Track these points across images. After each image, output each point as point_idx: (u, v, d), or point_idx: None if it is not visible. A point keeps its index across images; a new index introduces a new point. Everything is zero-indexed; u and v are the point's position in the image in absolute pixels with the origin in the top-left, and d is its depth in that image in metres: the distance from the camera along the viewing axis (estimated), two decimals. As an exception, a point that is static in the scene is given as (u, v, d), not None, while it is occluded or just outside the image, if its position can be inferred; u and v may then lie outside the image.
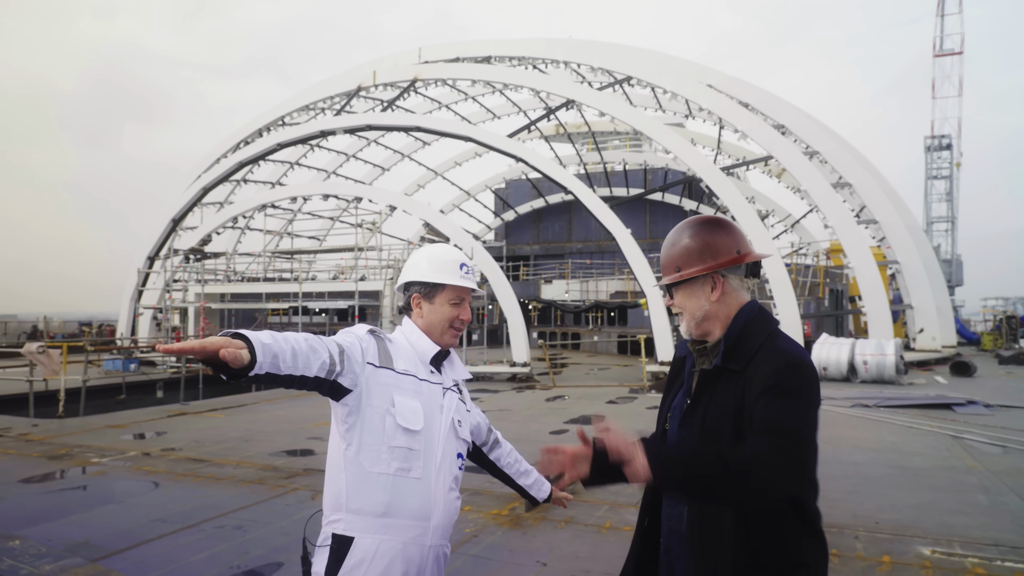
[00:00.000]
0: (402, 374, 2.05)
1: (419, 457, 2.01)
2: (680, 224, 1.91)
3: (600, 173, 35.10)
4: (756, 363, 1.68)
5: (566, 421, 11.04)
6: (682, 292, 1.85)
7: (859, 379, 16.10)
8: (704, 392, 1.76)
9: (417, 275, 2.18)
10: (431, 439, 2.05)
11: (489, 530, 5.40)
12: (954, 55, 50.47)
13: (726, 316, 1.80)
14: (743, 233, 1.86)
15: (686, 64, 26.66)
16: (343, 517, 1.96)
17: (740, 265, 1.82)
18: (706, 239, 1.81)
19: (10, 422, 11.15)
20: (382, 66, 27.21)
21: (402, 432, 1.98)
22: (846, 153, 24.64)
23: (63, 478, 7.34)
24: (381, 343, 2.07)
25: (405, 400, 2.01)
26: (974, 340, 32.57)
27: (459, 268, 2.19)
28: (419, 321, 2.18)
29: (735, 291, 1.81)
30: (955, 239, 50.42)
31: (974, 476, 7.12)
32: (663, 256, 1.90)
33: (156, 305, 24.46)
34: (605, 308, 30.55)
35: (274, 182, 31.75)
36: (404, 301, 2.23)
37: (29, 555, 4.68)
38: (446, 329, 2.18)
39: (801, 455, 1.54)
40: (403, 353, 2.11)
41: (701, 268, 1.79)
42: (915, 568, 4.55)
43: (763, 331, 1.75)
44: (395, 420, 1.98)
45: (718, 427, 1.68)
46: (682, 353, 1.98)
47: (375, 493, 1.95)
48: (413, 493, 1.99)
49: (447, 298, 2.17)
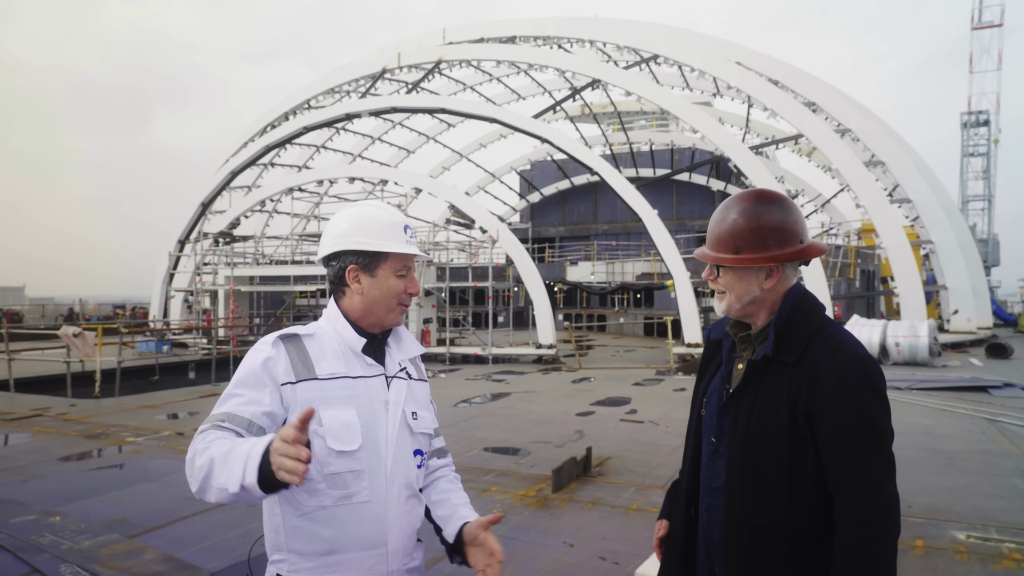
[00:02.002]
0: (328, 379, 1.69)
1: (363, 477, 1.66)
2: (740, 196, 1.74)
3: (626, 154, 34.71)
4: (812, 356, 1.61)
5: (592, 403, 11.03)
6: (733, 273, 1.72)
7: (891, 361, 15.85)
8: (752, 382, 1.68)
9: (352, 242, 1.77)
10: (376, 450, 1.69)
11: (516, 511, 5.42)
12: (993, 27, 48.91)
13: (772, 302, 1.71)
14: (803, 217, 1.74)
15: (714, 41, 26.18)
16: (286, 557, 1.66)
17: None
18: (772, 222, 1.67)
19: (49, 402, 11.46)
20: (407, 48, 27.14)
21: (336, 455, 1.63)
22: (879, 130, 24.08)
23: (100, 457, 7.53)
24: (296, 348, 1.71)
25: (335, 414, 1.65)
26: (1011, 321, 31.86)
27: (403, 232, 1.81)
28: (355, 300, 1.78)
29: (787, 279, 1.72)
30: (992, 218, 49.29)
31: (1011, 460, 6.97)
32: (717, 228, 1.74)
33: (187, 288, 24.90)
34: (631, 290, 30.39)
35: (300, 165, 31.98)
36: (334, 275, 1.80)
37: (69, 531, 4.81)
38: (393, 307, 1.80)
39: (898, 504, 1.54)
40: (328, 349, 1.74)
41: (765, 257, 1.66)
42: (949, 553, 4.48)
43: (812, 318, 1.67)
44: (325, 443, 1.62)
45: (766, 420, 1.62)
46: (717, 336, 1.89)
47: (316, 530, 1.63)
48: (361, 520, 1.66)
49: (392, 269, 1.78)
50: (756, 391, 1.67)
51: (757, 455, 1.63)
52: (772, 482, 1.61)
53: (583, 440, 8.05)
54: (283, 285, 23.23)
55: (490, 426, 9.08)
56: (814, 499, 1.59)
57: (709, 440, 1.78)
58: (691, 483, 1.84)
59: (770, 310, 1.72)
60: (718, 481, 1.73)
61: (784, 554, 1.59)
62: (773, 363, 1.66)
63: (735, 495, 1.66)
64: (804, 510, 1.59)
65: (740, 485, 1.65)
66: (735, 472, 1.66)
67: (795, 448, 1.59)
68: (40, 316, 34.99)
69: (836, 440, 1.55)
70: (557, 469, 6.07)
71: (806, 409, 1.58)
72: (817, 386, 1.57)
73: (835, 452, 1.55)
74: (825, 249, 1.75)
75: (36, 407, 10.69)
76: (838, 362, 1.58)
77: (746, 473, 1.64)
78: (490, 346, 18.22)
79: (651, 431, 8.68)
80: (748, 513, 1.63)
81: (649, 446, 7.75)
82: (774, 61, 24.90)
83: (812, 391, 1.58)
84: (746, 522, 1.63)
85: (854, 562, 1.50)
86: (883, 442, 1.56)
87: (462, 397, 11.75)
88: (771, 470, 1.61)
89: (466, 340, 21.40)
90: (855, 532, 1.51)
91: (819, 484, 1.58)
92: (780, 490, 1.60)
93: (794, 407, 1.59)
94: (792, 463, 1.59)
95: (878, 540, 1.50)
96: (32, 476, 6.54)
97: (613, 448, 7.65)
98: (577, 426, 9.04)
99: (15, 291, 48.58)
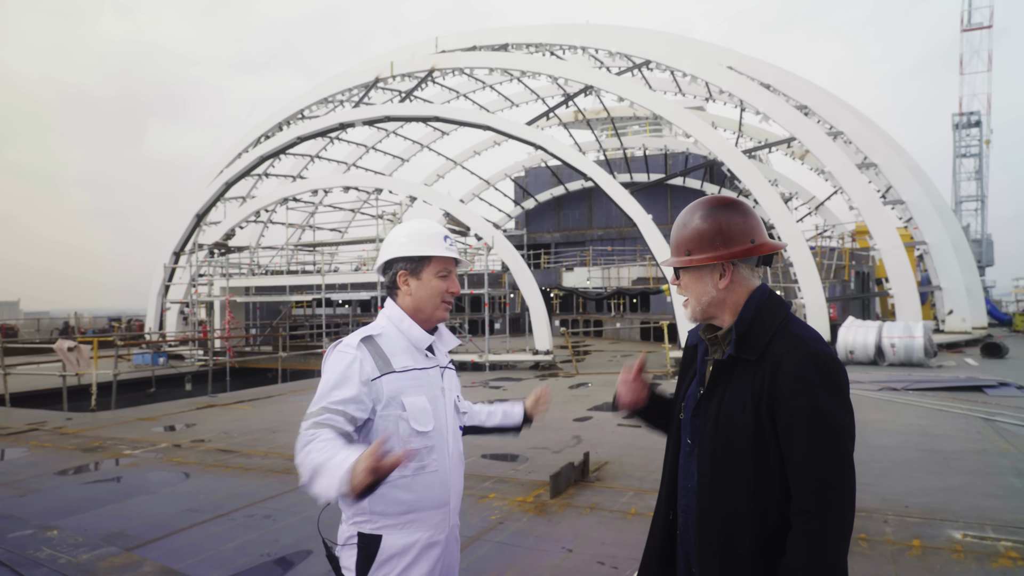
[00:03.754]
0: (403, 372, 2.02)
1: (434, 451, 2.02)
2: (694, 203, 1.84)
3: (620, 159, 34.81)
4: (773, 353, 1.64)
5: (589, 408, 11.04)
6: (690, 275, 1.80)
7: (887, 362, 15.88)
8: (719, 383, 1.73)
9: (400, 251, 2.11)
10: (441, 430, 2.06)
11: (514, 517, 5.43)
12: (982, 29, 49.25)
13: (735, 303, 1.76)
14: (759, 219, 1.79)
15: (705, 46, 26.32)
16: (368, 518, 1.97)
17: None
18: (720, 224, 1.74)
19: (45, 416, 11.41)
20: (399, 57, 27.22)
21: (416, 435, 1.99)
22: (871, 133, 24.22)
23: (97, 470, 7.51)
24: (374, 347, 2.02)
25: (414, 400, 2.00)
26: (1006, 321, 31.96)
27: (443, 240, 2.14)
28: (407, 300, 2.12)
29: (744, 279, 1.76)
30: (985, 218, 49.41)
31: (1007, 459, 7.00)
32: (673, 235, 1.84)
33: (182, 300, 24.84)
34: (627, 295, 30.42)
35: (295, 175, 32.00)
36: (389, 280, 2.16)
37: (67, 544, 4.80)
38: (438, 304, 2.13)
39: (849, 499, 1.55)
40: (397, 345, 2.06)
41: (712, 256, 1.73)
42: (946, 552, 4.50)
43: (775, 317, 1.71)
44: (409, 425, 1.98)
45: (733, 418, 1.66)
46: (694, 341, 1.95)
47: (397, 495, 1.96)
48: (432, 486, 2.02)
49: (435, 271, 2.12)
50: (724, 391, 1.71)
51: (725, 453, 1.66)
52: (739, 479, 1.64)
53: (581, 445, 8.06)
54: (279, 295, 23.20)
55: (488, 433, 9.07)
56: (779, 495, 1.61)
57: (685, 442, 1.82)
58: (670, 487, 1.87)
59: (732, 311, 1.76)
60: (692, 482, 1.77)
61: (753, 549, 1.62)
62: (739, 363, 1.70)
63: (705, 492, 1.70)
64: (770, 506, 1.62)
65: (709, 483, 1.69)
66: (705, 471, 1.70)
67: (760, 445, 1.62)
68: (35, 330, 34.84)
69: (792, 435, 1.58)
70: (555, 475, 6.08)
71: (768, 405, 1.62)
72: (777, 382, 1.61)
73: (791, 447, 1.59)
74: (779, 246, 1.79)
75: (32, 421, 10.65)
76: (798, 358, 1.61)
77: (715, 471, 1.68)
78: (487, 353, 18.21)
79: (649, 435, 8.63)
80: (717, 510, 1.67)
81: (647, 450, 7.75)
82: (765, 65, 25.04)
83: (773, 387, 1.61)
84: (716, 519, 1.67)
85: (799, 556, 1.54)
86: (839, 438, 1.57)
87: (459, 404, 11.73)
88: (738, 468, 1.64)
89: (463, 347, 21.41)
90: (802, 526, 1.55)
91: (784, 481, 1.61)
92: (747, 487, 1.63)
93: (758, 404, 1.63)
94: (758, 460, 1.62)
95: (823, 535, 1.53)
96: (29, 490, 6.51)
97: (611, 453, 7.66)
98: (575, 431, 9.05)
99: (10, 305, 48.46)
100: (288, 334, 22.94)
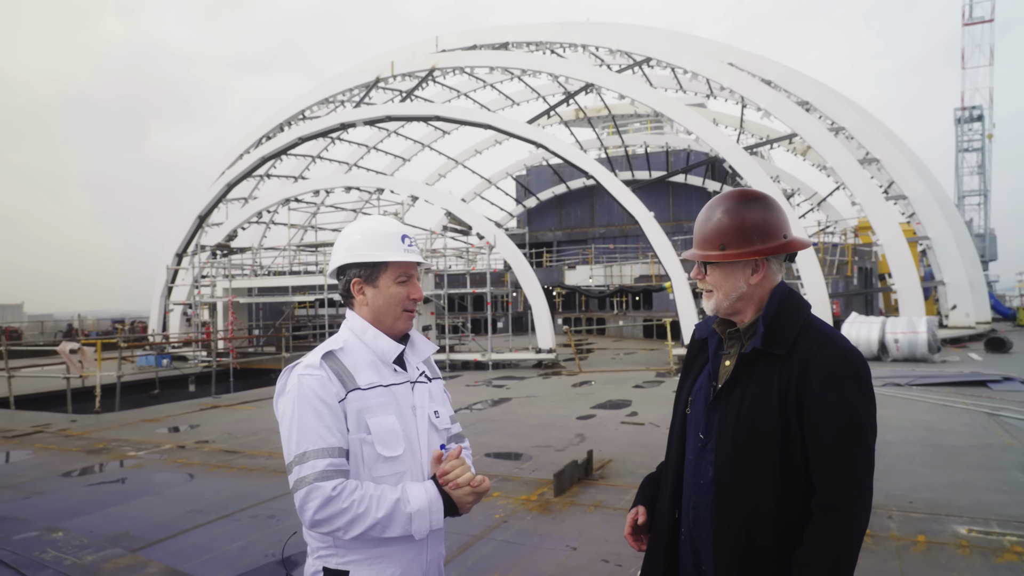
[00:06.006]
0: (368, 389, 1.79)
1: (406, 476, 1.80)
2: (721, 196, 1.79)
3: (621, 157, 34.77)
4: (801, 349, 1.64)
5: (592, 406, 11.04)
6: (720, 270, 1.76)
7: (890, 358, 15.86)
8: (742, 375, 1.71)
9: (353, 256, 1.86)
10: (413, 452, 1.83)
11: (519, 515, 5.43)
12: (984, 23, 49.08)
13: (760, 299, 1.75)
14: (785, 214, 1.78)
15: (706, 43, 26.25)
16: (335, 552, 1.76)
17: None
18: (755, 219, 1.72)
19: (49, 418, 11.44)
20: (400, 56, 27.20)
21: (383, 461, 1.76)
22: (873, 128, 24.13)
23: (102, 471, 7.53)
24: (336, 364, 1.79)
25: (381, 421, 1.77)
26: (1010, 315, 31.86)
27: (401, 241, 1.89)
28: (364, 310, 1.88)
29: (773, 274, 1.76)
30: (988, 212, 49.25)
31: (1011, 454, 6.98)
32: (703, 228, 1.79)
33: (185, 301, 24.88)
34: (629, 292, 30.41)
35: (297, 176, 32.01)
36: (342, 288, 1.90)
37: (72, 546, 4.81)
38: (399, 314, 1.89)
39: (870, 495, 1.58)
40: (361, 359, 1.83)
41: (750, 251, 1.71)
42: (951, 547, 4.49)
43: (799, 313, 1.71)
44: (374, 450, 1.75)
45: (759, 411, 1.65)
46: (702, 334, 1.93)
47: None
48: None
49: (393, 276, 1.87)
50: (746, 384, 1.69)
51: (747, 447, 1.65)
52: (762, 473, 1.63)
53: (584, 443, 8.06)
54: (281, 296, 23.23)
55: (491, 432, 9.08)
56: (801, 490, 1.61)
57: (696, 437, 1.80)
58: (675, 485, 1.85)
59: (757, 306, 1.76)
60: (705, 477, 1.74)
61: (774, 544, 1.61)
62: (763, 356, 1.69)
63: (724, 488, 1.68)
64: (792, 501, 1.61)
65: (730, 478, 1.67)
66: (724, 466, 1.68)
67: (785, 439, 1.62)
68: (39, 333, 34.91)
69: (821, 430, 1.59)
70: (559, 473, 6.08)
71: (796, 399, 1.61)
72: (807, 378, 1.61)
73: (819, 441, 1.59)
74: (808, 243, 1.79)
75: (37, 424, 10.68)
76: (828, 354, 1.62)
77: (735, 465, 1.66)
78: (490, 352, 18.21)
79: (652, 433, 8.68)
80: (737, 505, 1.65)
81: (650, 448, 7.75)
82: (767, 61, 24.95)
83: (802, 382, 1.61)
84: (736, 514, 1.65)
85: (818, 549, 1.55)
86: (865, 435, 1.59)
87: (463, 403, 11.75)
88: (761, 461, 1.63)
89: (465, 346, 21.41)
90: (825, 520, 1.56)
91: (806, 476, 1.61)
92: (771, 480, 1.62)
93: (784, 398, 1.62)
94: (782, 454, 1.62)
95: (845, 530, 1.54)
96: (34, 492, 6.53)
97: (614, 451, 7.65)
98: (578, 430, 9.05)
99: (14, 308, 48.56)
100: (291, 334, 22.98)
